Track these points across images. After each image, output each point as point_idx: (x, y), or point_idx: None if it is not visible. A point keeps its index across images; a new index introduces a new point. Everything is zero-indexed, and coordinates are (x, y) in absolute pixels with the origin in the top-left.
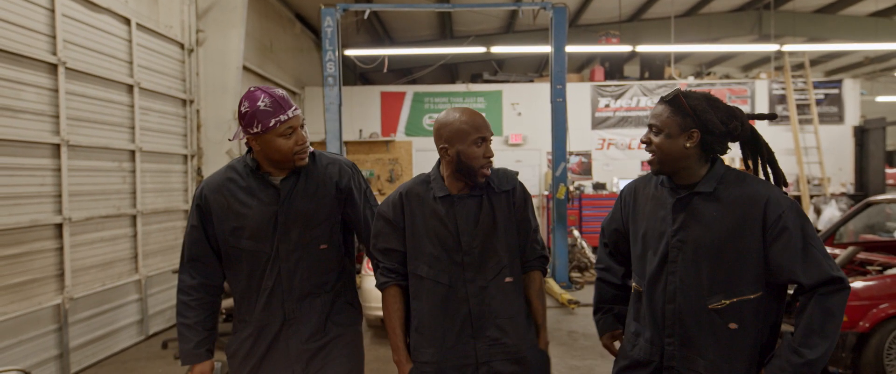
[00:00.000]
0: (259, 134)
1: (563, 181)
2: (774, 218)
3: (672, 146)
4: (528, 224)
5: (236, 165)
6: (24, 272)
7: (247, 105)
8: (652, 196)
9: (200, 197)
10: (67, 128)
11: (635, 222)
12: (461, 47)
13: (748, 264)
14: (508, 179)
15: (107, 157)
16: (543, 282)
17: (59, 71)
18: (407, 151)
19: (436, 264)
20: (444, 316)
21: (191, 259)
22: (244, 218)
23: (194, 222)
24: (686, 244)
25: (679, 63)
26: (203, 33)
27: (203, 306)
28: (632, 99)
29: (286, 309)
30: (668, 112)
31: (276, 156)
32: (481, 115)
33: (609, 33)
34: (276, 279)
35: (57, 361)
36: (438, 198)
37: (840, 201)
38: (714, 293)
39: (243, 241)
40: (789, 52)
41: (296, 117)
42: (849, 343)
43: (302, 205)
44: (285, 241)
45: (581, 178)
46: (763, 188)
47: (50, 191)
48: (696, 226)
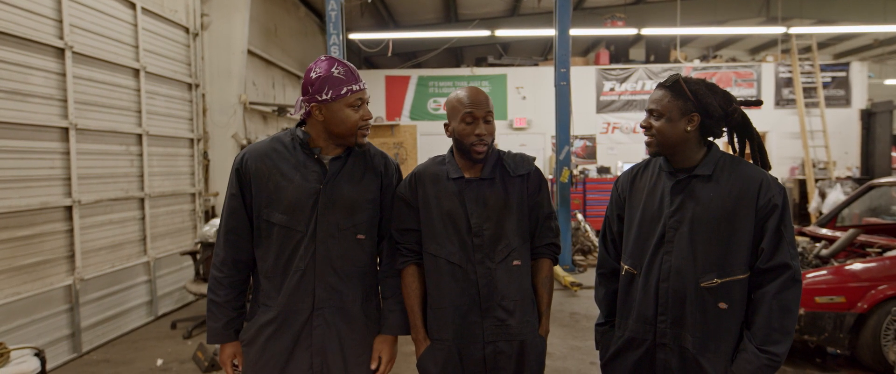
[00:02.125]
0: (327, 102)
1: (567, 165)
2: (766, 199)
3: (672, 130)
4: (540, 209)
5: (282, 138)
6: (35, 254)
7: (319, 71)
8: (650, 180)
9: (241, 162)
10: (75, 111)
11: (631, 206)
12: (466, 31)
13: (741, 243)
14: (524, 163)
15: (114, 140)
16: (552, 270)
17: (66, 55)
18: (412, 136)
19: (447, 243)
20: (457, 294)
21: (228, 231)
22: (282, 190)
23: (233, 190)
24: (683, 223)
25: (685, 46)
26: (208, 17)
27: (234, 284)
28: (637, 82)
29: (317, 296)
30: (668, 97)
31: (341, 128)
32: (483, 93)
33: (614, 16)
34: (309, 262)
35: (69, 340)
36: (452, 179)
37: (845, 184)
38: (707, 272)
39: (276, 214)
40: (796, 35)
41: (365, 91)
42: (847, 324)
43: (347, 188)
44: (324, 222)
45: (585, 162)
46: (757, 172)
47: (59, 174)
48: (694, 206)
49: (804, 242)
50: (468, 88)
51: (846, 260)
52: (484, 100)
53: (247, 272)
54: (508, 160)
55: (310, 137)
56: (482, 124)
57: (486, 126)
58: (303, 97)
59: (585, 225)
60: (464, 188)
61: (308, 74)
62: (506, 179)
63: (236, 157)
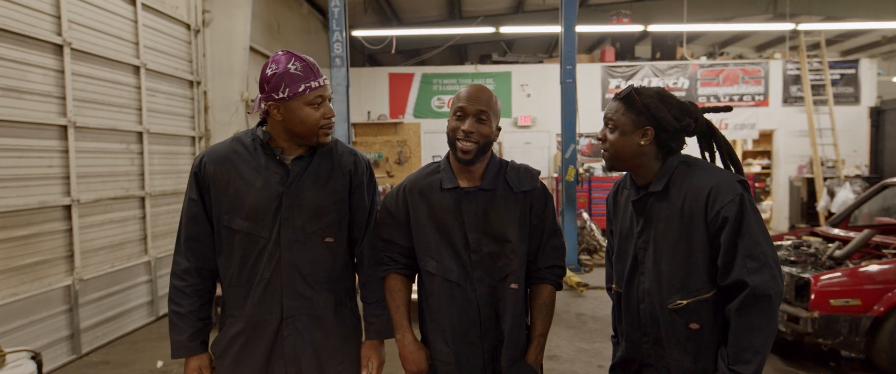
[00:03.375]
0: (284, 100)
1: (573, 163)
2: (715, 211)
3: (625, 143)
4: (542, 229)
5: (243, 138)
6: (33, 254)
7: (274, 67)
8: (624, 197)
9: (199, 166)
10: (74, 109)
11: (614, 224)
12: (470, 28)
13: (700, 261)
14: (528, 178)
15: (114, 138)
16: (553, 297)
17: (65, 52)
18: (415, 133)
19: (443, 260)
20: (456, 313)
21: (189, 238)
22: (243, 195)
23: (192, 194)
24: (649, 244)
25: (691, 43)
26: (209, 14)
27: (198, 294)
28: (643, 80)
29: (285, 306)
30: (622, 109)
31: (300, 128)
32: (485, 91)
33: (620, 13)
34: (274, 270)
35: (68, 341)
36: (446, 190)
37: (854, 183)
38: (672, 293)
39: (238, 221)
40: (805, 32)
41: (326, 87)
42: (863, 327)
43: (312, 190)
44: (288, 228)
45: (591, 160)
46: (709, 178)
47: (58, 173)
48: (653, 227)
49: (817, 242)
50: (470, 86)
51: (861, 261)
52: (481, 96)
53: (211, 281)
54: (512, 173)
55: (271, 137)
56: (471, 121)
57: (476, 124)
58: (260, 96)
59: (591, 224)
60: (460, 200)
61: (264, 70)
62: (508, 194)
63: (194, 160)
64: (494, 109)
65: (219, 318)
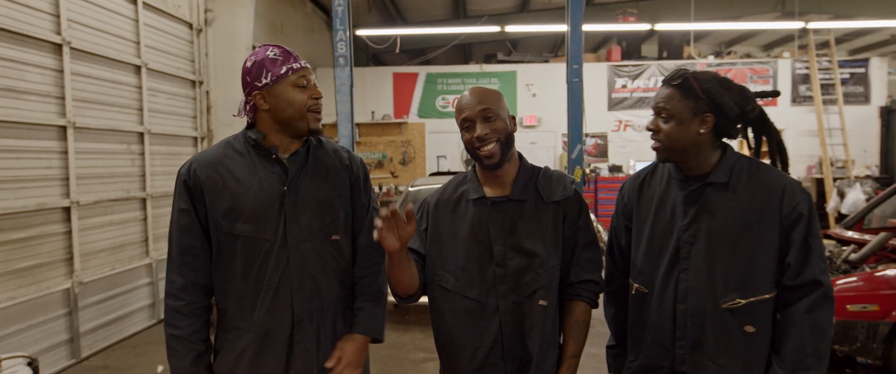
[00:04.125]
0: (269, 86)
1: (580, 164)
2: (790, 207)
3: (683, 133)
4: (575, 241)
5: (233, 143)
6: (32, 257)
7: (253, 58)
8: (658, 187)
9: (189, 174)
10: (73, 109)
11: (639, 218)
12: (475, 27)
13: (765, 259)
14: (561, 186)
15: (115, 139)
16: (588, 315)
17: (64, 51)
18: (420, 133)
19: (463, 275)
20: (472, 334)
21: (183, 252)
22: (242, 197)
23: (183, 204)
24: (698, 238)
25: (698, 42)
26: (212, 13)
27: (197, 313)
28: (650, 79)
29: (296, 309)
30: (677, 96)
31: (289, 111)
32: (479, 89)
33: (626, 12)
34: (283, 273)
35: (67, 345)
36: (471, 201)
37: (864, 183)
38: (728, 292)
39: (239, 225)
40: (814, 30)
41: (308, 69)
42: (881, 334)
43: (313, 186)
44: (294, 227)
45: (597, 160)
46: (779, 177)
47: (57, 174)
48: (710, 218)
49: (830, 245)
50: (469, 90)
51: (877, 266)
52: (478, 97)
53: (208, 297)
54: (543, 182)
55: (263, 136)
56: (481, 124)
57: (486, 124)
58: (244, 95)
59: (598, 226)
60: (487, 210)
61: (243, 66)
62: (538, 203)
63: (181, 169)
64: (499, 103)
65: (217, 336)
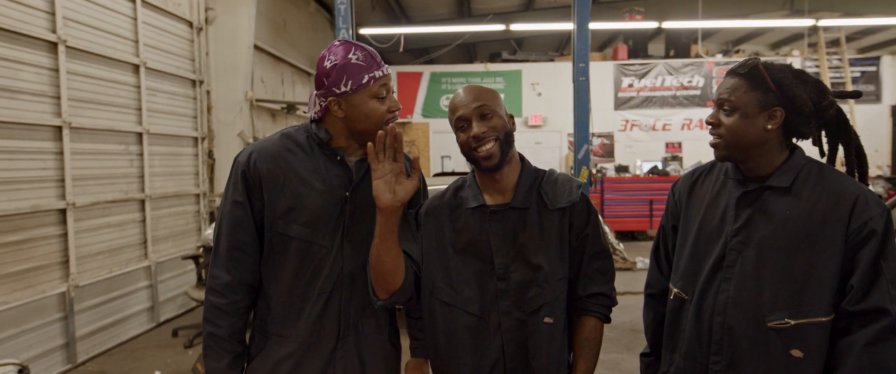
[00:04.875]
0: (347, 94)
1: (586, 164)
2: (861, 222)
3: (748, 129)
4: (583, 251)
5: (296, 136)
6: (26, 260)
7: (334, 59)
8: (712, 187)
9: (249, 164)
10: (69, 109)
11: (688, 218)
12: (479, 25)
13: (824, 277)
14: (567, 192)
15: (112, 139)
16: (599, 331)
17: (60, 49)
18: (424, 133)
19: (464, 288)
20: (472, 353)
21: (232, 248)
22: (303, 198)
23: (238, 196)
24: (748, 246)
25: (706, 41)
26: (212, 11)
27: (240, 312)
28: (656, 78)
29: (343, 323)
30: (744, 87)
31: (366, 123)
32: (473, 87)
33: (633, 10)
34: (336, 283)
35: (63, 350)
36: (470, 209)
37: (876, 183)
38: (776, 309)
39: (296, 226)
40: (824, 28)
41: (389, 76)
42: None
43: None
44: (354, 235)
45: (603, 160)
46: (852, 186)
47: (52, 175)
48: (764, 225)
49: None
50: (464, 89)
51: None
52: (473, 94)
53: (252, 297)
54: (547, 188)
55: (331, 137)
56: (477, 122)
57: (483, 122)
58: (317, 92)
59: (604, 226)
60: (487, 219)
61: (321, 63)
62: (542, 211)
63: (238, 156)
64: (495, 100)
65: (253, 339)
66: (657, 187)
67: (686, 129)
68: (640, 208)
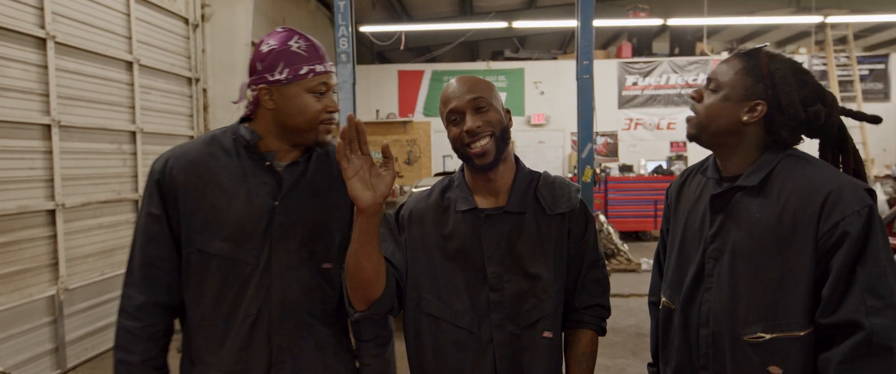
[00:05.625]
0: (280, 83)
1: (590, 164)
2: (832, 223)
3: (723, 113)
4: (581, 260)
5: (221, 138)
6: (13, 262)
7: (273, 43)
8: (697, 188)
9: (164, 172)
10: (58, 107)
11: (675, 221)
12: (482, 23)
13: (797, 287)
14: (565, 197)
15: (104, 138)
16: (595, 345)
17: (48, 45)
18: (425, 132)
19: (453, 300)
20: (461, 369)
21: (146, 265)
22: (223, 210)
23: (153, 208)
24: (723, 253)
25: (711, 39)
26: (209, 8)
27: (155, 337)
28: (661, 76)
29: (274, 347)
30: (737, 68)
31: (297, 120)
32: (468, 78)
33: (637, 7)
34: (262, 304)
35: (52, 355)
36: (460, 212)
37: (885, 183)
38: (750, 322)
39: (215, 243)
40: (831, 25)
41: (331, 74)
42: None
43: (309, 204)
44: (281, 251)
45: (607, 160)
46: (827, 177)
47: (41, 175)
48: (736, 230)
49: None
50: (456, 79)
51: None
52: (467, 85)
53: (171, 319)
54: (544, 191)
55: (259, 137)
56: (471, 116)
57: (478, 116)
58: (248, 79)
59: (608, 227)
60: (479, 224)
61: (258, 47)
62: (539, 216)
63: (155, 163)
64: (490, 92)
65: (182, 365)
66: (662, 187)
67: None
68: (644, 207)
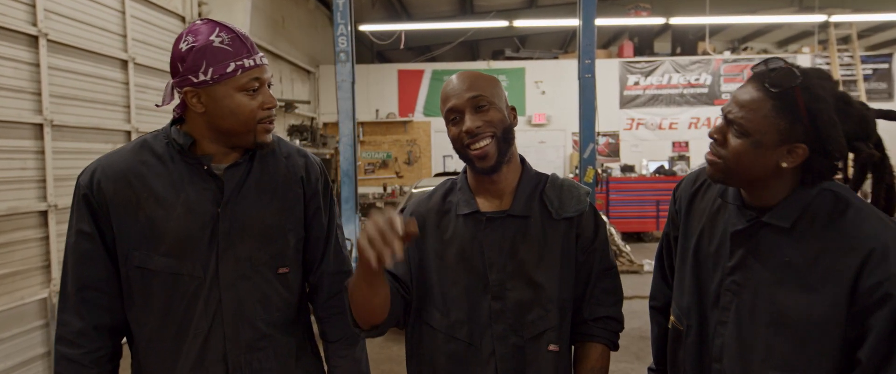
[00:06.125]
0: (207, 85)
1: (592, 164)
2: (875, 281)
3: (757, 160)
4: (590, 268)
5: (152, 143)
6: (4, 265)
7: (192, 40)
8: (712, 203)
9: (91, 186)
10: (51, 106)
11: (686, 233)
12: (482, 22)
13: (825, 338)
14: (573, 200)
15: (98, 138)
16: (606, 360)
17: (40, 43)
18: (425, 132)
19: (452, 309)
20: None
21: (82, 287)
22: (161, 224)
23: (83, 226)
24: (744, 289)
25: (713, 38)
26: (206, 6)
27: (99, 363)
28: (663, 76)
29: (231, 363)
30: (768, 109)
31: (230, 121)
32: (468, 74)
33: (639, 6)
34: (213, 319)
35: (44, 359)
36: (461, 216)
37: None
38: (768, 369)
39: (157, 258)
40: (835, 24)
41: (264, 67)
42: None
43: (257, 207)
44: (229, 260)
45: (608, 160)
46: (873, 231)
47: (33, 176)
48: (760, 269)
49: None
50: (457, 75)
51: None
52: (467, 81)
53: (117, 341)
54: (550, 194)
55: (192, 141)
56: (471, 115)
57: (478, 115)
58: (172, 80)
59: (610, 228)
60: (481, 229)
61: (176, 45)
62: (545, 221)
63: (80, 176)
64: (493, 89)
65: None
66: (664, 188)
67: (693, 127)
68: (646, 208)
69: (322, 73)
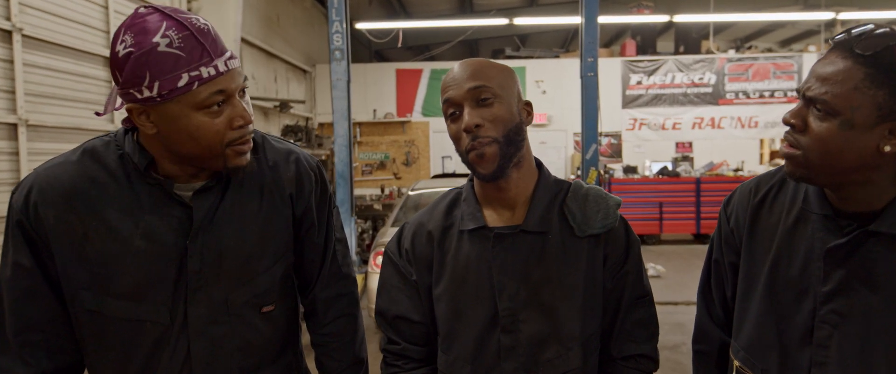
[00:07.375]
0: (154, 102)
1: (595, 165)
2: None
3: (849, 145)
4: (620, 295)
5: (103, 154)
6: None
7: (130, 41)
8: (786, 216)
9: (27, 211)
10: (26, 105)
11: (752, 257)
12: (482, 20)
13: None
14: (601, 213)
15: (79, 139)
16: None
17: (14, 39)
18: (424, 133)
19: (455, 344)
20: None
21: (23, 330)
22: (115, 260)
23: (21, 257)
24: (848, 320)
25: (716, 37)
26: (196, 2)
27: None
28: (666, 75)
29: None
30: (859, 76)
31: (189, 147)
32: (471, 62)
33: (641, 4)
34: (181, 370)
35: None
36: (467, 232)
37: None
38: None
39: (111, 301)
40: (841, 21)
41: (232, 73)
42: None
43: (233, 237)
44: (200, 302)
45: (610, 160)
46: None
47: (7, 177)
48: (868, 292)
49: None
50: (454, 66)
51: None
52: (470, 70)
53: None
54: (572, 206)
55: (150, 159)
56: (471, 110)
57: (479, 110)
58: (115, 89)
59: None
60: (488, 247)
61: (113, 44)
62: (566, 238)
63: (13, 195)
64: (501, 79)
65: None
66: (667, 189)
67: (697, 127)
68: (649, 210)
69: (318, 72)
